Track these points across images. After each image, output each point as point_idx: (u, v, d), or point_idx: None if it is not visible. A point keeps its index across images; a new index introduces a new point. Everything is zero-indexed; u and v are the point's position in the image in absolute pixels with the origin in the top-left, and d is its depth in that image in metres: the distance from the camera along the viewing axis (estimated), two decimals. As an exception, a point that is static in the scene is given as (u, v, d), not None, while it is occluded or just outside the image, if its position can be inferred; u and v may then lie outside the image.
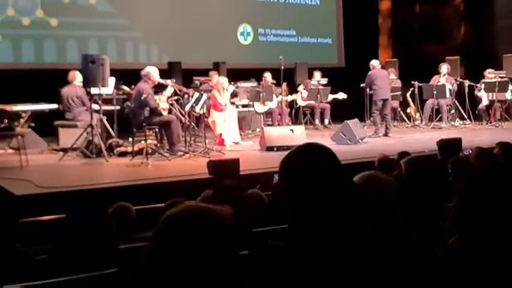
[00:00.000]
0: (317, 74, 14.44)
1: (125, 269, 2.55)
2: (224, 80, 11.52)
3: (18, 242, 2.98)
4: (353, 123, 11.16)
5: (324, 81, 14.38)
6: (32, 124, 10.72)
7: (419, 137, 11.99)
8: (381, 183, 2.45)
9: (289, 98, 13.97)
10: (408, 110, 15.04)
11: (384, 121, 12.44)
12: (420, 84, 14.19)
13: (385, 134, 12.29)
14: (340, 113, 13.88)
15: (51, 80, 10.95)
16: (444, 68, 14.04)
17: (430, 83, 14.00)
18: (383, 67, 13.47)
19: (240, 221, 3.38)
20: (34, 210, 5.78)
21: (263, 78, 13.36)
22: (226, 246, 1.52)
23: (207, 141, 10.15)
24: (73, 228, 2.99)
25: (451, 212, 2.20)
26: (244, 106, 13.22)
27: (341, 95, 14.12)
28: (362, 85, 13.89)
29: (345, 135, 10.92)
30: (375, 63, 12.73)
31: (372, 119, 12.90)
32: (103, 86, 9.67)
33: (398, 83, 14.55)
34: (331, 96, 14.09)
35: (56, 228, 3.93)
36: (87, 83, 9.55)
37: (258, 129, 12.79)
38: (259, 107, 13.08)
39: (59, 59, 12.86)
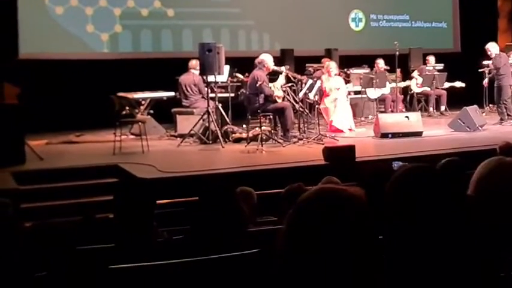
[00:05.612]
0: (431, 59, 13.99)
1: (260, 251, 2.60)
2: (332, 65, 11.43)
3: (154, 222, 3.12)
4: (472, 109, 10.78)
5: (440, 66, 13.92)
6: (151, 111, 11.16)
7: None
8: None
9: (403, 84, 13.65)
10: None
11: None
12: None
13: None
14: (456, 99, 13.43)
15: (168, 69, 11.33)
16: None
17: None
18: (502, 51, 12.76)
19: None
20: (158, 194, 6.01)
21: (375, 65, 13.14)
22: (361, 226, 1.48)
23: (320, 127, 10.15)
24: (205, 211, 3.07)
25: None
26: (356, 93, 13.08)
27: (458, 84, 13.61)
28: (485, 69, 13.29)
29: (463, 123, 10.57)
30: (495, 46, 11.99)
31: (503, 108, 11.62)
32: (219, 73, 9.89)
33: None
34: (447, 84, 13.63)
35: (185, 211, 4.07)
36: (204, 71, 9.79)
37: (370, 116, 12.63)
38: (372, 93, 12.87)
39: (174, 48, 13.23)
